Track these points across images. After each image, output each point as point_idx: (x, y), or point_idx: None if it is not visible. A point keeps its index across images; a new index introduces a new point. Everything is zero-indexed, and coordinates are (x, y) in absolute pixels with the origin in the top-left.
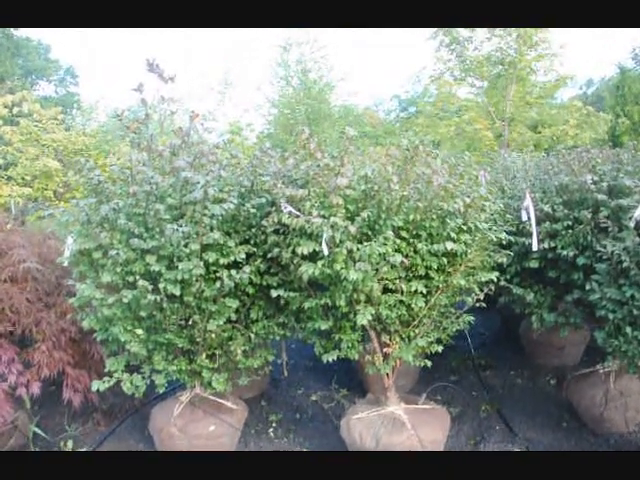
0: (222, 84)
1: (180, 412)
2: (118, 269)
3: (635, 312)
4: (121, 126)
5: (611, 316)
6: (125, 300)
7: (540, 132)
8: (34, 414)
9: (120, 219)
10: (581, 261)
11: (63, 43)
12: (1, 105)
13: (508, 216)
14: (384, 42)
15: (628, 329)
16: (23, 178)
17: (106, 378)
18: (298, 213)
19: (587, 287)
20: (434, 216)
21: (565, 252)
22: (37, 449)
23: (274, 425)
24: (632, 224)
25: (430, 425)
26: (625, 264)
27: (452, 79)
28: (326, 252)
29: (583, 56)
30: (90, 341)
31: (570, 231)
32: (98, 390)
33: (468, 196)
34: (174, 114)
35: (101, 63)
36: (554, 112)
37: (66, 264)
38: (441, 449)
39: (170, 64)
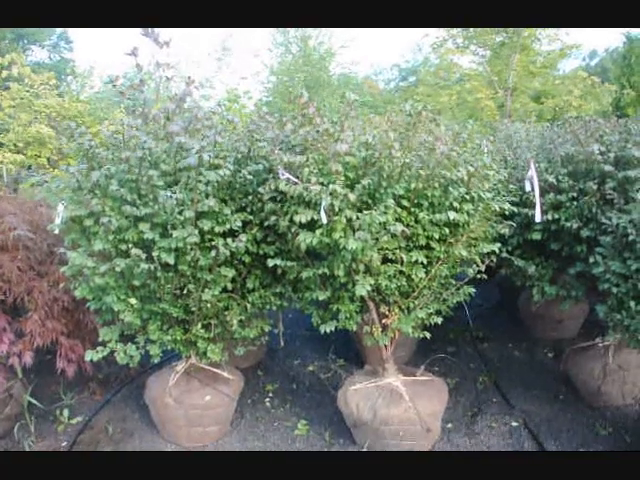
0: (219, 50)
1: (176, 382)
2: (110, 237)
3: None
4: (116, 93)
5: (614, 290)
6: (118, 269)
7: (543, 103)
8: (30, 383)
9: (112, 185)
10: (585, 233)
11: None
12: None
13: (511, 186)
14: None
15: (632, 303)
16: (15, 145)
17: (100, 348)
18: (296, 180)
19: (590, 260)
20: (436, 185)
21: (569, 224)
22: (32, 417)
23: (270, 395)
24: None
25: (428, 397)
26: (631, 237)
27: (455, 47)
28: (325, 220)
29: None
30: (84, 310)
31: (575, 203)
32: (92, 360)
33: (472, 164)
34: (170, 80)
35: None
36: (558, 82)
37: (57, 231)
38: (439, 421)
39: (166, 29)
